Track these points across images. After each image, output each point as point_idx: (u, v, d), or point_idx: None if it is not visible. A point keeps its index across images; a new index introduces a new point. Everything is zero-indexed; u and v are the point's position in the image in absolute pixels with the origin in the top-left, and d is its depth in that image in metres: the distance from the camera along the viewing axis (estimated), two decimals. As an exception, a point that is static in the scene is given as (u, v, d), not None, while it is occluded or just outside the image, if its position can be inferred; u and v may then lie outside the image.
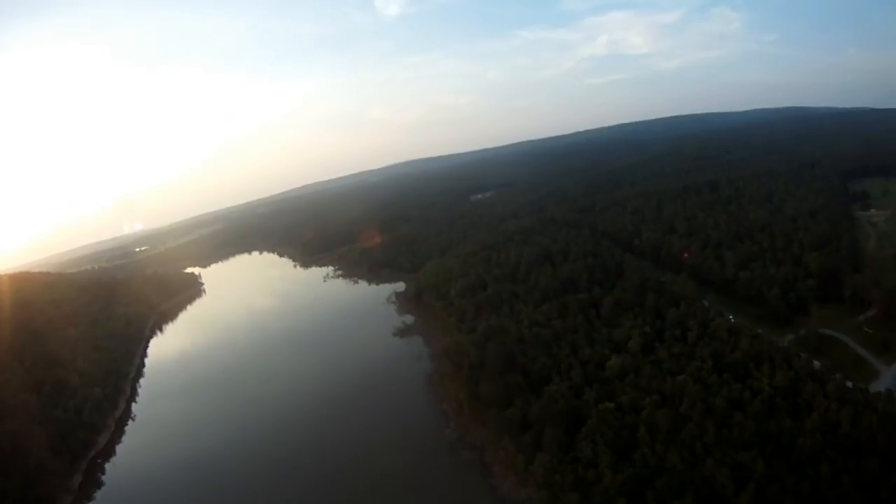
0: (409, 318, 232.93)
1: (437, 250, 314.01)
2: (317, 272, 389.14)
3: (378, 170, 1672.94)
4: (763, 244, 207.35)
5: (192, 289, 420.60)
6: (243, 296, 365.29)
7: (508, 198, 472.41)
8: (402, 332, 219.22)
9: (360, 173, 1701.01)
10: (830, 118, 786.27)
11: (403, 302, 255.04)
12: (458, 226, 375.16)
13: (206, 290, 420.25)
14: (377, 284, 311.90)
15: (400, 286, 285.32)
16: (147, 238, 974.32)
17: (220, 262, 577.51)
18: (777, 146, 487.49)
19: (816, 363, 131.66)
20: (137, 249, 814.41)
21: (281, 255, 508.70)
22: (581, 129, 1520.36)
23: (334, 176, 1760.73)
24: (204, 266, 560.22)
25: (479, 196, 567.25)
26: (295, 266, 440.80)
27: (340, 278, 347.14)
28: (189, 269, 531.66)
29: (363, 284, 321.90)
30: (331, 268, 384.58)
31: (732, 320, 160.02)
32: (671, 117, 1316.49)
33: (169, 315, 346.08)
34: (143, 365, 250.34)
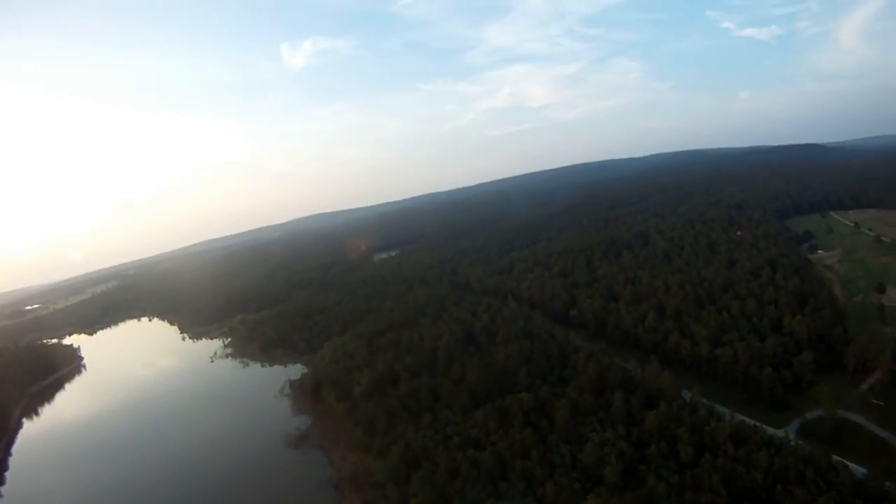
0: (305, 421, 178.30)
1: (338, 325, 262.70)
2: (206, 347, 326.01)
3: (280, 224, 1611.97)
4: (731, 310, 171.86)
5: (72, 364, 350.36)
6: (122, 381, 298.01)
7: (415, 257, 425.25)
8: (298, 441, 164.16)
9: (263, 228, 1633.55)
10: (729, 158, 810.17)
11: (299, 395, 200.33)
12: (361, 293, 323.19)
13: (87, 367, 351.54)
14: (270, 366, 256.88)
15: (296, 370, 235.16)
16: (42, 294, 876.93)
17: (108, 329, 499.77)
18: (688, 188, 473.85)
19: (853, 467, 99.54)
20: (28, 308, 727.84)
21: (172, 322, 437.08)
22: (485, 180, 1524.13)
23: (238, 230, 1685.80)
24: (90, 333, 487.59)
25: (384, 255, 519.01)
26: (183, 338, 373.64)
27: (230, 357, 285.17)
28: (72, 338, 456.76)
29: (255, 367, 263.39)
30: (221, 342, 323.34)
31: (729, 417, 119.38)
32: (574, 165, 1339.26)
33: (43, 398, 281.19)
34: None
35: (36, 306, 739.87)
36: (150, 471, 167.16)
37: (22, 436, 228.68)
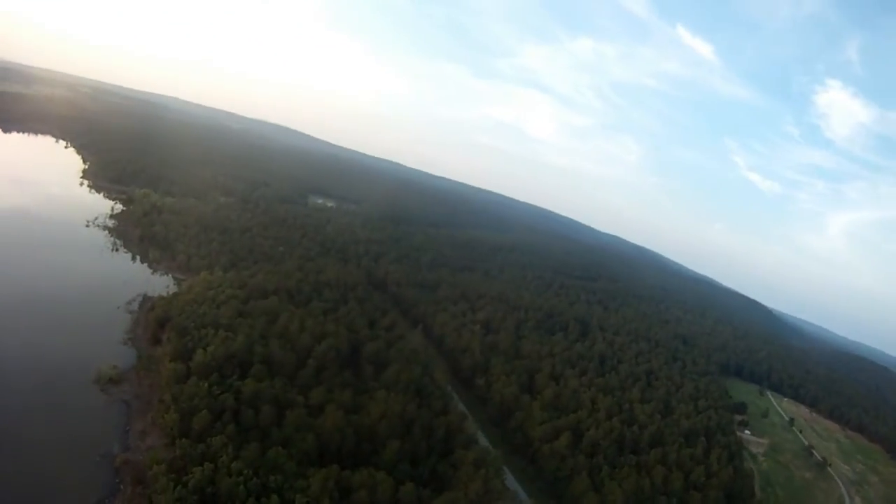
0: (130, 359, 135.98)
1: (229, 253, 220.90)
2: (94, 205, 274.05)
3: (246, 118, 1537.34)
4: (655, 476, 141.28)
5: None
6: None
7: (347, 221, 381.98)
8: (106, 384, 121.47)
9: (230, 115, 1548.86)
10: (683, 277, 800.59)
11: (143, 321, 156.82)
12: (274, 229, 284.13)
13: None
14: (141, 264, 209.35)
15: (161, 284, 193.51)
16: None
17: (19, 133, 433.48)
18: (639, 291, 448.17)
19: None
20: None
21: (85, 160, 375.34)
22: (450, 177, 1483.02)
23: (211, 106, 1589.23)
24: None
25: (320, 201, 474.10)
26: (81, 183, 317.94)
27: (107, 233, 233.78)
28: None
29: (122, 259, 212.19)
30: (111, 209, 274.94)
31: None
32: (537, 206, 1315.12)
33: None
34: None
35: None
36: None
37: None
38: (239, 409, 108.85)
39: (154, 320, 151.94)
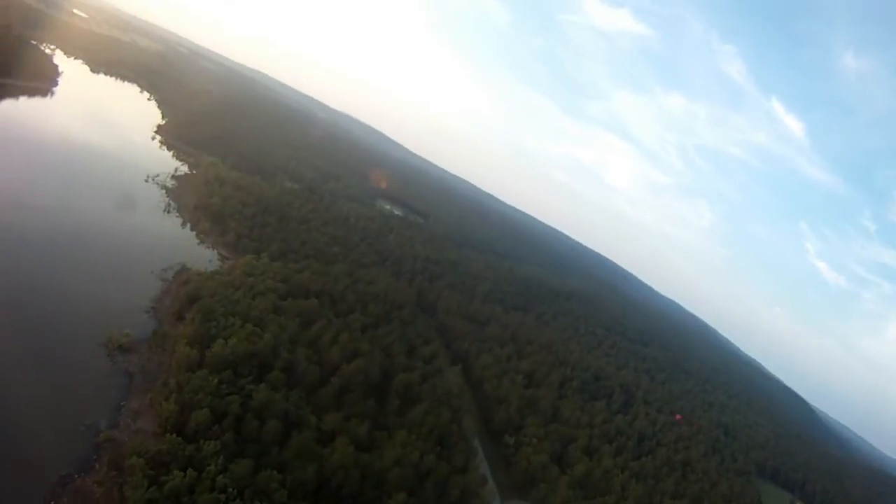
0: (149, 328, 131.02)
1: (281, 242, 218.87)
2: (160, 163, 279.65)
3: (332, 109, 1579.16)
4: None
5: (41, 82, 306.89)
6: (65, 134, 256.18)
7: (412, 233, 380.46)
8: (116, 350, 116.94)
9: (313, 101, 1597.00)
10: (734, 359, 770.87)
11: (172, 292, 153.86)
12: (342, 227, 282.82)
13: (54, 95, 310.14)
14: (192, 232, 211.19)
15: (201, 257, 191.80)
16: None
17: (105, 77, 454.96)
18: (689, 366, 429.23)
19: None
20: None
21: (163, 116, 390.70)
22: (518, 205, 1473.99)
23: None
24: (93, 70, 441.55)
25: (388, 206, 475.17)
26: (153, 138, 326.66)
27: (165, 195, 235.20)
28: (66, 60, 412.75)
29: (173, 224, 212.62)
30: (175, 169, 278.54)
31: None
32: (601, 256, 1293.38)
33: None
34: None
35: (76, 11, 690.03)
36: None
37: None
38: (244, 416, 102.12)
39: (184, 295, 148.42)
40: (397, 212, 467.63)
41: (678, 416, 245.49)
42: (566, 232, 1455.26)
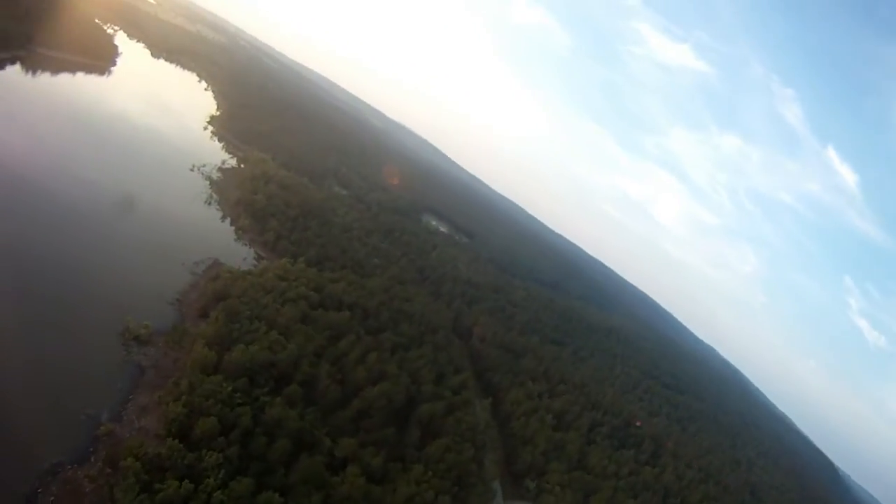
0: (169, 321, 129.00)
1: (318, 248, 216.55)
2: (208, 153, 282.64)
3: (391, 119, 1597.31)
4: None
5: (101, 60, 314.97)
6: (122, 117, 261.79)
7: (454, 252, 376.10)
8: (131, 340, 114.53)
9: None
10: (764, 410, 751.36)
11: (200, 287, 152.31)
12: (385, 234, 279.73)
13: (112, 74, 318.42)
14: (227, 226, 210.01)
15: (239, 255, 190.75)
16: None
17: (169, 63, 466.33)
18: (721, 418, 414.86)
19: None
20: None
21: (218, 108, 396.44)
22: (565, 234, 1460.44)
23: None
24: (154, 55, 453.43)
25: (434, 223, 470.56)
26: (205, 128, 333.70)
27: (209, 188, 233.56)
28: (128, 41, 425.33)
29: (212, 217, 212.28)
30: (222, 163, 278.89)
31: None
32: (645, 294, 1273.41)
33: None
34: None
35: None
36: None
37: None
38: (253, 430, 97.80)
39: (212, 291, 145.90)
40: (443, 229, 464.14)
41: (639, 423, 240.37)
42: (609, 264, 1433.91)
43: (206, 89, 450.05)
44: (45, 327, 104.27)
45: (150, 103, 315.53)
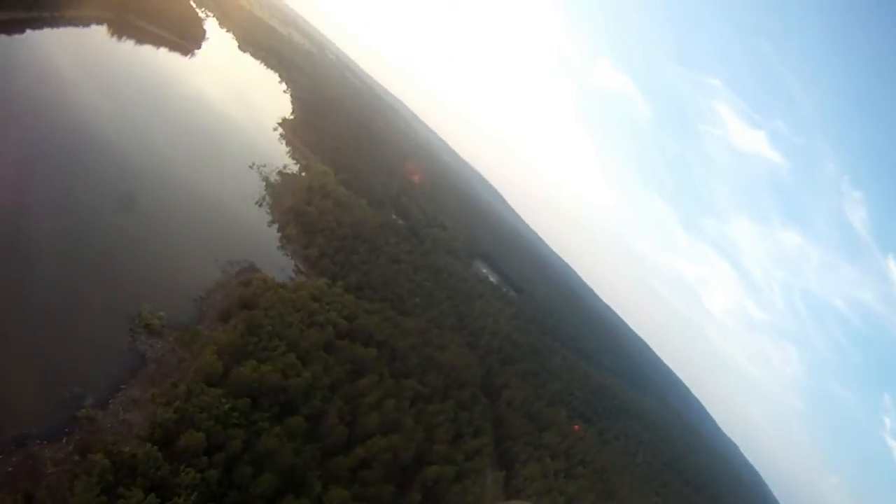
0: (190, 312, 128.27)
1: (360, 275, 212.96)
2: (274, 156, 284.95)
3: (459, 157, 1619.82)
4: None
5: (187, 41, 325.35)
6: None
7: (498, 295, 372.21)
8: (143, 329, 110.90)
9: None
10: None
11: (229, 288, 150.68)
12: (430, 276, 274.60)
13: (196, 56, 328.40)
14: (276, 242, 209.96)
15: (277, 263, 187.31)
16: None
17: (247, 52, 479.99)
18: None
19: None
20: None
21: (292, 112, 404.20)
22: (603, 296, 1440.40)
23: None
24: (242, 48, 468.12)
25: (480, 265, 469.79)
26: (275, 128, 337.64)
27: (265, 195, 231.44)
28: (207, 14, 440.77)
29: (264, 228, 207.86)
30: (284, 165, 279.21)
31: None
32: (679, 380, 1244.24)
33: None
34: None
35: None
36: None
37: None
38: (241, 456, 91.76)
39: (239, 297, 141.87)
40: (493, 278, 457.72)
41: (576, 427, 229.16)
42: (651, 344, 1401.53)
43: (284, 91, 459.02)
44: (60, 294, 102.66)
45: (226, 92, 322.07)
